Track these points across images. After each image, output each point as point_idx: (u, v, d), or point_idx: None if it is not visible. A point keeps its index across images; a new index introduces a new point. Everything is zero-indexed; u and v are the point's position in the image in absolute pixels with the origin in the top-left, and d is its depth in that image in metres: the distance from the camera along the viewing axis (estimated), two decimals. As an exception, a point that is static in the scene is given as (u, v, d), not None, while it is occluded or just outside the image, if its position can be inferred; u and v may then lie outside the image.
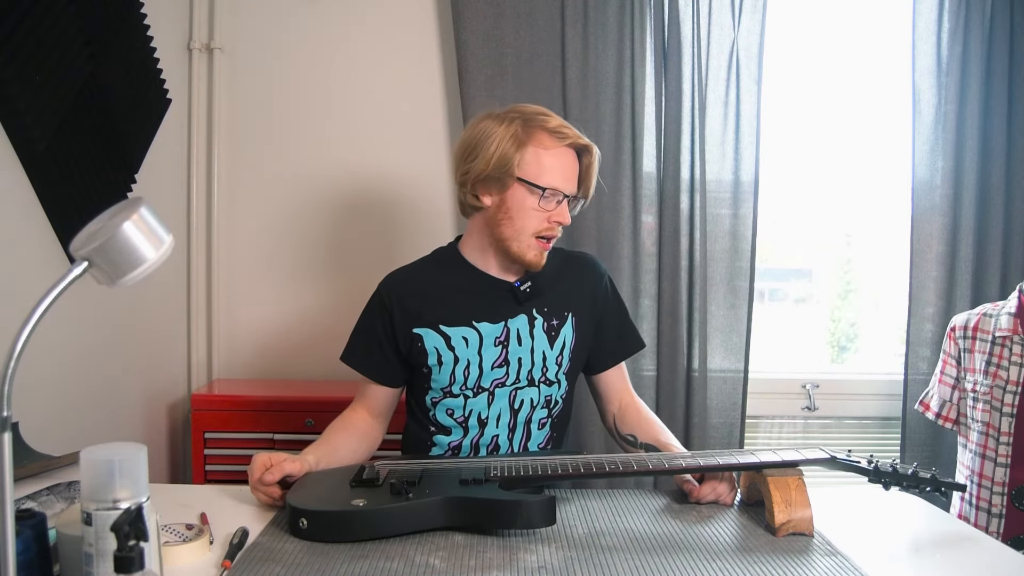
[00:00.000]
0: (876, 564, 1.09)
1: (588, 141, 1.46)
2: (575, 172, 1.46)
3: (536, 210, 1.43)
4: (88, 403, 1.89)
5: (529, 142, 1.42)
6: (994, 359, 1.90)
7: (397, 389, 1.54)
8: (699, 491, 1.33)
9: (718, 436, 2.34)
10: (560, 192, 1.43)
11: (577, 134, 1.45)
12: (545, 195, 1.42)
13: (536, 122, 1.43)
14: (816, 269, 2.79)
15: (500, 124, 1.43)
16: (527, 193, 1.42)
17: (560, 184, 1.43)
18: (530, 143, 1.42)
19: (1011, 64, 2.29)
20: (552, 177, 1.42)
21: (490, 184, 1.45)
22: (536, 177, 1.42)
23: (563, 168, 1.43)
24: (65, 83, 1.73)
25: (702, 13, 2.27)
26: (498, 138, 1.42)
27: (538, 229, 1.44)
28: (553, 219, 1.43)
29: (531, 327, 1.49)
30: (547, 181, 1.42)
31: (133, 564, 0.73)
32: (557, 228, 1.45)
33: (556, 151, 1.43)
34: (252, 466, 1.28)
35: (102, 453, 0.85)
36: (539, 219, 1.43)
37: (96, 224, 0.82)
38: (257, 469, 1.26)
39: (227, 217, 2.41)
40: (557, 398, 1.52)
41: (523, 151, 1.42)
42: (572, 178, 1.45)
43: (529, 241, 1.44)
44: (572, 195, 1.46)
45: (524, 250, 1.44)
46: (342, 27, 2.38)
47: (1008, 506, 1.82)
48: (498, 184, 1.44)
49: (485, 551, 1.10)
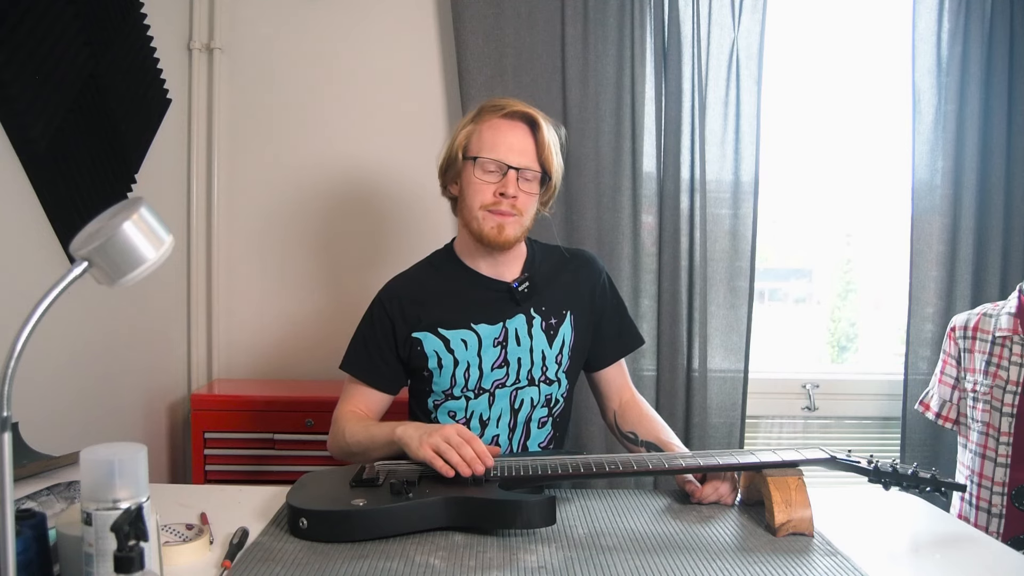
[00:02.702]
0: (876, 564, 1.09)
1: (528, 109, 1.46)
2: (525, 145, 1.45)
3: (478, 182, 1.44)
4: (88, 403, 1.89)
5: (476, 123, 1.47)
6: (994, 359, 1.90)
7: (394, 395, 1.54)
8: (701, 491, 1.33)
9: (718, 436, 2.34)
10: (502, 163, 1.43)
11: (520, 105, 1.46)
12: (478, 167, 1.43)
13: (486, 104, 1.48)
14: (816, 269, 2.79)
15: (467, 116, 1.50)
16: (471, 167, 1.45)
17: (500, 155, 1.43)
18: (476, 123, 1.46)
19: (1011, 64, 2.29)
20: (491, 149, 1.43)
21: (453, 173, 1.49)
22: (477, 151, 1.44)
23: (504, 140, 1.44)
24: (65, 83, 1.73)
25: (702, 13, 2.27)
26: (457, 129, 1.48)
27: (485, 202, 1.44)
28: (498, 191, 1.43)
29: (529, 327, 1.49)
30: (485, 152, 1.43)
31: (133, 564, 0.73)
32: (506, 201, 1.43)
33: (495, 123, 1.45)
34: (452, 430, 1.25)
35: (102, 453, 0.85)
36: (485, 192, 1.44)
37: (96, 224, 0.82)
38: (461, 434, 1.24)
39: (227, 217, 2.41)
40: (557, 397, 1.52)
41: (468, 131, 1.46)
42: (519, 150, 1.44)
43: (482, 215, 1.44)
44: (521, 167, 1.44)
45: (480, 226, 1.45)
46: (342, 27, 2.38)
47: (1008, 506, 1.82)
48: (456, 171, 1.48)
49: (485, 551, 1.10)
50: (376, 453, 1.37)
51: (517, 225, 1.45)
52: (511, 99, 1.49)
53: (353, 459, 1.42)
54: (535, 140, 1.45)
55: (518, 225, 1.46)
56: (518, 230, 1.46)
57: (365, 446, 1.40)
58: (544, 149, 1.45)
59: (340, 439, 1.45)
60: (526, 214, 1.47)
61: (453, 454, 1.21)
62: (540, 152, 1.45)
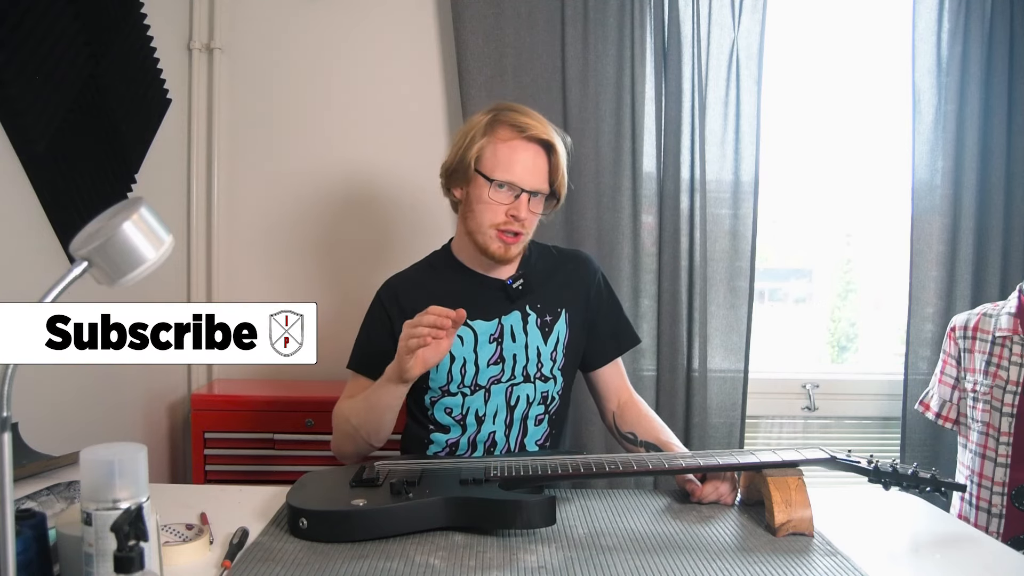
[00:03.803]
0: (876, 564, 1.09)
1: (550, 136, 1.44)
2: (538, 167, 1.45)
3: (491, 202, 1.43)
4: (88, 403, 1.89)
5: (490, 135, 1.44)
6: (994, 359, 1.90)
7: None
8: (701, 491, 1.33)
9: (718, 436, 2.34)
10: (516, 186, 1.42)
11: (540, 128, 1.44)
12: (494, 187, 1.42)
13: (503, 116, 1.45)
14: (816, 269, 2.79)
15: (477, 118, 1.47)
16: (483, 185, 1.44)
17: (516, 178, 1.42)
18: (490, 136, 1.44)
19: (1011, 64, 2.29)
20: (506, 170, 1.42)
21: (458, 177, 1.48)
22: (491, 170, 1.43)
23: (521, 162, 1.43)
24: (65, 83, 1.73)
25: (702, 13, 2.27)
26: (467, 131, 1.46)
27: (496, 222, 1.44)
28: (510, 213, 1.43)
29: (524, 323, 1.49)
30: (500, 174, 1.42)
31: (133, 564, 0.73)
32: (516, 223, 1.43)
33: (513, 144, 1.43)
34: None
35: (102, 453, 0.85)
36: (496, 212, 1.43)
37: (96, 224, 0.82)
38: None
39: (227, 217, 2.41)
40: (554, 394, 1.53)
41: (482, 143, 1.44)
42: (533, 172, 1.44)
43: (490, 233, 1.45)
44: (534, 191, 1.44)
45: (487, 243, 1.45)
46: (342, 27, 2.38)
47: (1008, 506, 1.82)
48: (463, 177, 1.47)
49: (485, 551, 1.10)
50: (377, 414, 1.39)
51: (522, 243, 1.48)
52: (527, 113, 1.46)
53: (359, 440, 1.42)
54: (549, 163, 1.46)
55: (523, 242, 1.48)
56: (521, 247, 1.49)
57: (366, 410, 1.40)
58: (557, 174, 1.46)
59: (342, 423, 1.45)
60: (531, 230, 1.49)
61: (421, 331, 1.26)
62: (553, 176, 1.46)
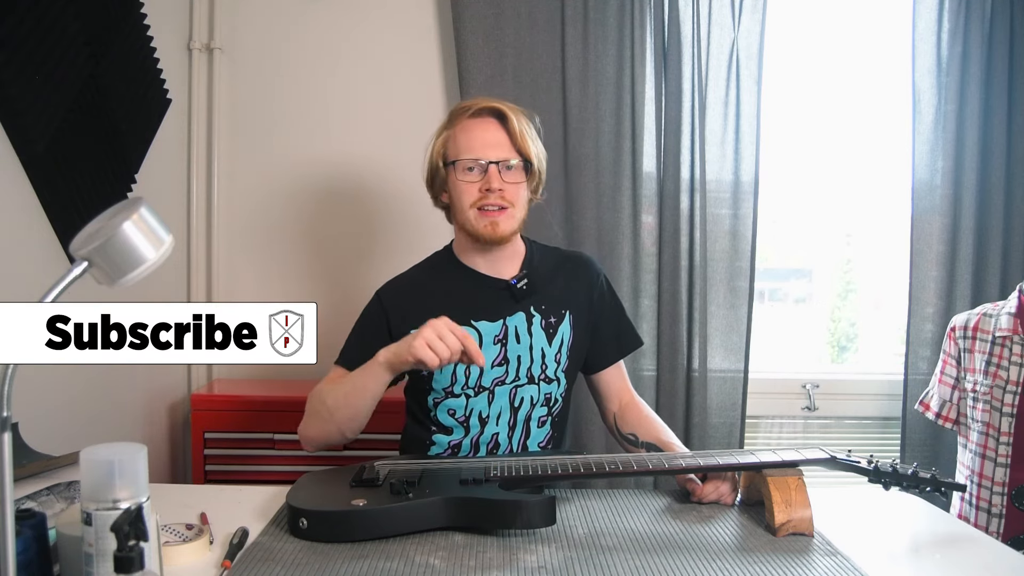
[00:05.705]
0: (876, 564, 1.09)
1: (494, 103, 1.48)
2: (497, 138, 1.47)
3: (463, 183, 1.46)
4: (88, 403, 1.89)
5: (447, 129, 1.50)
6: (994, 359, 1.90)
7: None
8: (702, 490, 1.33)
9: (718, 436, 2.34)
10: (478, 161, 1.45)
11: (485, 100, 1.49)
12: (461, 170, 1.46)
13: (454, 109, 1.51)
14: (816, 269, 2.79)
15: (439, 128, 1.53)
16: (452, 172, 1.48)
17: (476, 153, 1.45)
18: (448, 129, 1.50)
19: (1011, 64, 2.29)
20: (466, 149, 1.46)
21: (438, 182, 1.53)
22: (454, 156, 1.48)
23: (477, 137, 1.46)
24: (65, 83, 1.73)
25: (702, 13, 2.27)
26: (432, 140, 1.52)
27: (472, 200, 1.46)
28: (483, 188, 1.45)
29: (529, 324, 1.49)
30: (462, 154, 1.46)
31: (133, 564, 0.73)
32: (493, 195, 1.44)
33: (465, 124, 1.48)
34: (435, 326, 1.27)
35: (102, 453, 0.85)
36: (470, 191, 1.46)
37: (96, 224, 0.82)
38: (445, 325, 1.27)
39: (227, 217, 2.40)
40: (557, 396, 1.52)
41: (443, 138, 1.50)
42: (493, 144, 1.46)
43: (471, 214, 1.46)
44: (499, 160, 1.45)
45: (473, 226, 1.47)
46: (342, 27, 2.38)
47: (1008, 506, 1.82)
48: (441, 179, 1.52)
49: (485, 551, 1.10)
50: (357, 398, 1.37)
51: (510, 218, 1.47)
52: (478, 97, 1.53)
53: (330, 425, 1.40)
54: (507, 131, 1.47)
55: (511, 218, 1.47)
56: (512, 223, 1.47)
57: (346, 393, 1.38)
58: (517, 138, 1.47)
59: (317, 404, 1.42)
60: (517, 205, 1.47)
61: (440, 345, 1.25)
62: (514, 141, 1.47)
